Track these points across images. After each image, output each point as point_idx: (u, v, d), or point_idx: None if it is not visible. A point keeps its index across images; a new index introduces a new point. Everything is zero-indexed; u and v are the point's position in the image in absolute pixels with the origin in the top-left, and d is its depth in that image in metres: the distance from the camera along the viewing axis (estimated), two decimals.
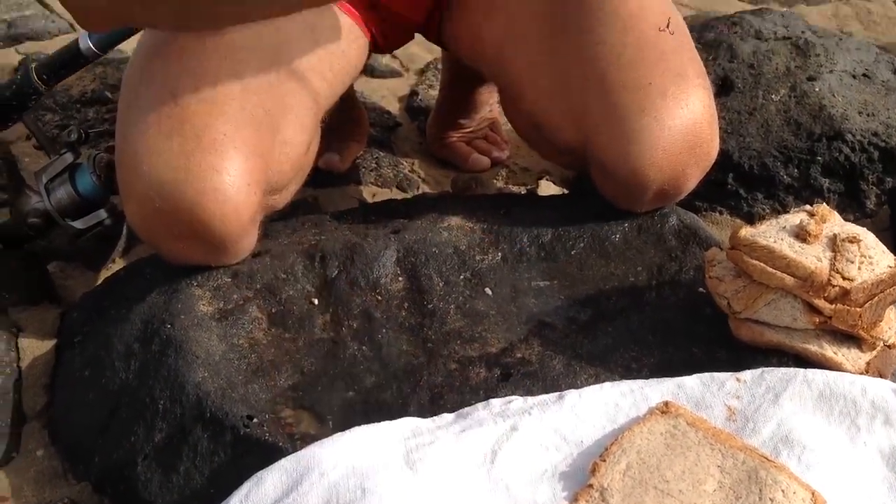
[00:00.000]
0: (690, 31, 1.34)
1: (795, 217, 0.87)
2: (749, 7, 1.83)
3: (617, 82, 0.95)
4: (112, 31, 0.98)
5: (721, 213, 1.27)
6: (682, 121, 0.94)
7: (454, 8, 1.13)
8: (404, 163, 1.50)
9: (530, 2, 1.03)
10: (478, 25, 1.09)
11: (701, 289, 0.94)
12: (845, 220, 1.22)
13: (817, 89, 1.24)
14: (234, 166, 0.87)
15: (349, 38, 1.07)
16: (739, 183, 1.25)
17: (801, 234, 0.84)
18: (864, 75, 1.29)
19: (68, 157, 1.03)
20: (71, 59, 0.98)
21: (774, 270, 0.82)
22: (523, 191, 1.40)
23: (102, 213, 1.04)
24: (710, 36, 1.33)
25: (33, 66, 0.99)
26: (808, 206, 0.89)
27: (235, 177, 0.87)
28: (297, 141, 0.96)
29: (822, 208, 0.88)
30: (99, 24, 0.82)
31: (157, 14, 0.76)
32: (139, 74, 0.91)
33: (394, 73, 1.69)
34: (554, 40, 1.00)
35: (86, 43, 0.96)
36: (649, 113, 0.94)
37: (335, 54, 1.04)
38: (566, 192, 1.37)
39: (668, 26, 0.98)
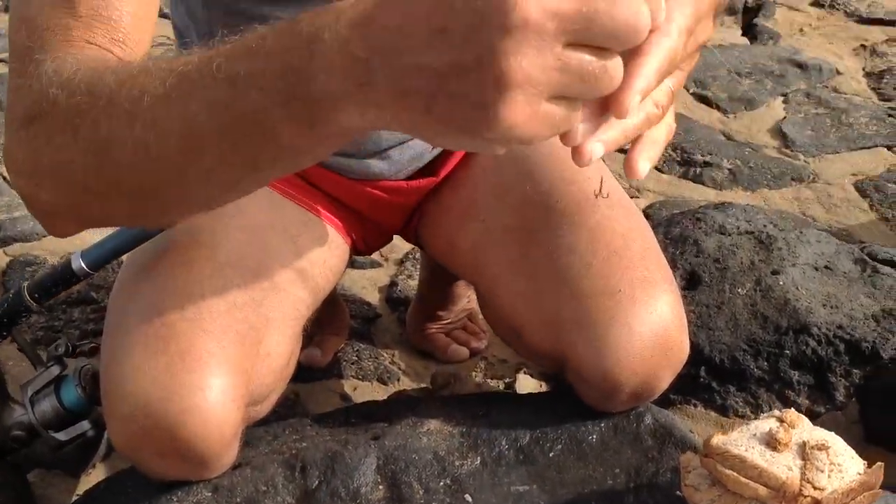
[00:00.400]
0: (657, 227, 1.40)
1: (765, 423, 0.89)
2: (713, 191, 1.92)
3: (587, 290, 0.99)
4: (105, 249, 1.02)
5: (695, 406, 1.30)
6: (651, 326, 0.98)
7: (430, 215, 1.18)
8: (385, 354, 1.53)
9: (502, 213, 1.09)
10: (453, 232, 1.14)
11: (678, 492, 0.95)
12: (816, 413, 1.25)
13: (781, 283, 1.29)
14: (218, 384, 0.89)
15: (331, 246, 1.12)
16: (712, 376, 1.28)
17: (772, 443, 0.86)
18: (826, 267, 1.34)
19: (54, 370, 1.05)
20: (63, 279, 1.01)
21: (748, 480, 0.83)
22: (502, 385, 1.43)
23: (86, 425, 1.05)
24: (675, 231, 1.38)
25: (25, 285, 1.03)
26: (776, 412, 0.92)
27: (219, 394, 0.89)
28: (280, 352, 0.99)
29: (791, 414, 0.90)
30: (66, 229, 0.79)
31: (115, 211, 0.74)
32: (126, 295, 0.94)
33: (373, 264, 1.74)
34: (526, 248, 1.05)
35: (78, 263, 1.00)
36: (619, 320, 0.97)
37: (317, 264, 1.08)
38: (543, 385, 1.40)
39: (600, 190, 1.03)
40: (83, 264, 0.99)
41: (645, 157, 0.61)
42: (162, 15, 0.95)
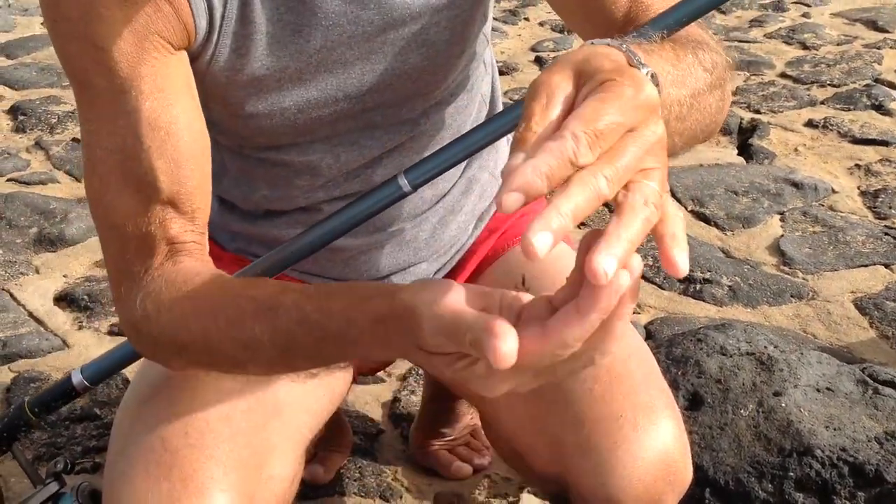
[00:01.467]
0: (659, 348, 1.41)
1: None
2: (713, 308, 1.93)
3: (589, 416, 1.00)
4: (104, 363, 1.03)
5: None
6: (654, 452, 0.98)
7: None
8: (387, 471, 1.52)
9: None
10: None
11: None
12: None
13: (784, 404, 1.30)
14: None
15: (334, 370, 1.13)
16: (716, 498, 1.27)
17: None
18: (828, 388, 1.35)
19: (52, 487, 1.06)
20: (63, 394, 1.02)
21: None
22: None
23: None
24: (677, 352, 1.40)
25: (26, 400, 1.04)
26: None
27: None
28: (283, 476, 0.99)
29: None
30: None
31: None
32: (130, 419, 0.95)
33: (376, 380, 1.74)
34: None
35: (78, 378, 1.01)
36: (622, 446, 0.98)
37: (321, 387, 1.08)
38: None
39: (523, 283, 1.05)
40: (83, 378, 1.00)
41: (677, 252, 0.61)
42: None
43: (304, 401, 1.05)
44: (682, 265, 0.61)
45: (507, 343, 0.60)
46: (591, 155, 0.60)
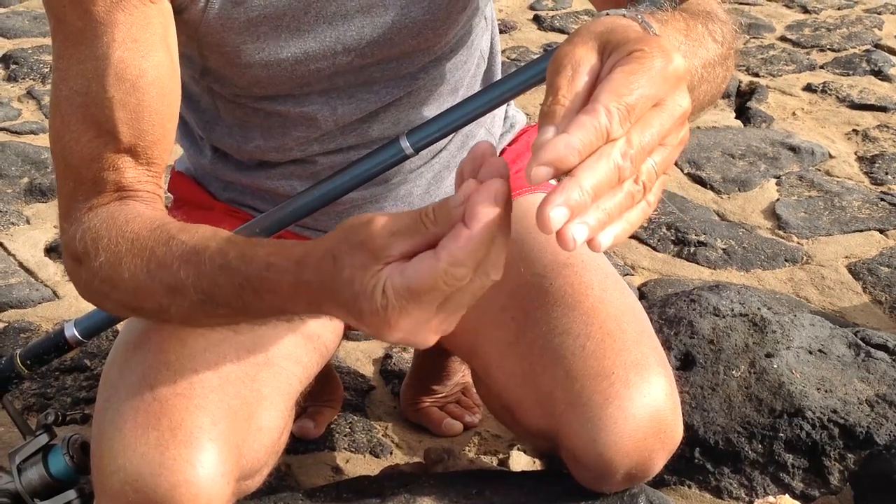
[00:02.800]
0: (652, 308, 1.41)
1: None
2: (707, 271, 1.93)
3: (581, 372, 0.99)
4: (97, 318, 1.03)
5: (690, 487, 1.29)
6: (645, 409, 0.98)
7: None
8: (378, 427, 1.52)
9: (497, 294, 1.09)
10: None
11: None
12: (811, 496, 1.25)
13: (776, 366, 1.29)
14: (209, 458, 0.89)
15: (325, 322, 1.12)
16: (706, 458, 1.27)
17: None
18: (820, 351, 1.35)
19: (43, 439, 1.05)
20: (56, 347, 1.02)
21: None
22: (495, 461, 1.42)
23: (71, 494, 1.04)
24: (670, 312, 1.39)
25: (18, 352, 1.03)
26: (770, 498, 0.92)
27: (209, 468, 0.88)
28: (272, 427, 0.98)
29: (785, 501, 0.90)
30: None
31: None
32: (118, 368, 0.94)
33: (367, 336, 1.74)
34: (521, 330, 1.06)
35: (71, 331, 1.00)
36: (613, 402, 0.97)
37: (311, 339, 1.08)
38: (537, 462, 1.39)
39: None
40: (76, 332, 1.00)
41: (610, 233, 0.60)
42: None
43: (294, 352, 1.04)
44: (600, 245, 0.59)
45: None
46: (622, 129, 0.59)
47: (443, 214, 0.63)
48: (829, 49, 2.94)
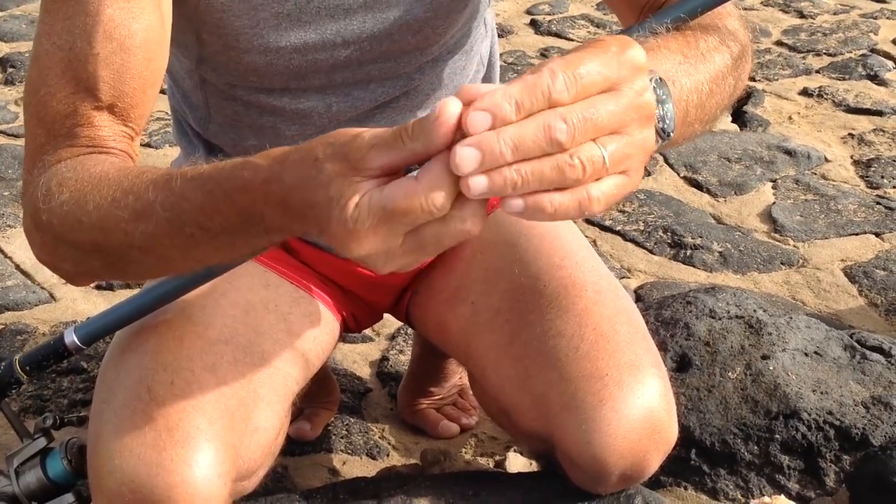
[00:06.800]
0: (648, 310, 1.41)
1: None
2: (703, 274, 1.93)
3: (575, 374, 1.00)
4: (97, 324, 1.02)
5: (686, 488, 1.29)
6: (639, 410, 0.98)
7: (420, 295, 1.19)
8: (374, 429, 1.52)
9: (491, 296, 1.10)
10: (443, 314, 1.15)
11: None
12: (806, 498, 1.25)
13: (771, 368, 1.30)
14: (206, 459, 0.89)
15: (322, 323, 1.12)
16: (702, 459, 1.28)
17: None
18: (816, 353, 1.35)
19: (41, 442, 1.05)
20: (55, 353, 1.01)
21: None
22: (491, 463, 1.42)
23: (69, 498, 1.04)
24: (666, 314, 1.39)
25: (17, 358, 1.03)
26: (766, 499, 0.92)
27: (206, 469, 0.89)
28: (268, 427, 0.99)
29: (780, 501, 0.90)
30: (84, 284, 0.99)
31: (121, 278, 0.86)
32: (115, 368, 0.95)
33: (365, 339, 1.74)
34: (516, 332, 1.06)
35: (71, 338, 1.00)
36: (607, 404, 0.98)
37: (308, 340, 1.08)
38: (534, 463, 1.39)
39: None
40: (76, 339, 0.99)
41: (518, 201, 0.59)
42: (162, 90, 0.97)
43: (291, 353, 1.04)
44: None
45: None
46: (567, 96, 0.58)
47: (420, 129, 0.60)
48: (825, 53, 2.95)
